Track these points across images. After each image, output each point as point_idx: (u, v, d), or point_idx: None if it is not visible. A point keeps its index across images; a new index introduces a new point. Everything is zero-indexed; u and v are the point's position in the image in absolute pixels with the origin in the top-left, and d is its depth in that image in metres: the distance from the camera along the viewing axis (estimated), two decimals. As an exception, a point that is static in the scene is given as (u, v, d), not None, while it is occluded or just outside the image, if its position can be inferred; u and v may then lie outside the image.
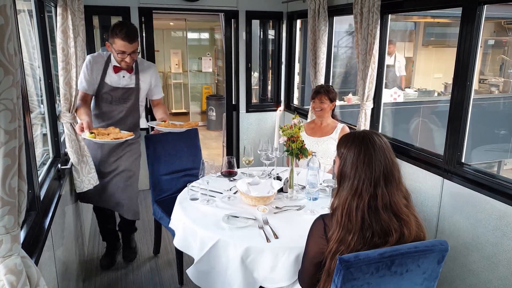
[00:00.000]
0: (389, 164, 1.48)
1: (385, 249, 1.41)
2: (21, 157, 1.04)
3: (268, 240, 1.86)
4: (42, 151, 2.60)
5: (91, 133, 2.45)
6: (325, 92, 3.09)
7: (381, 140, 1.51)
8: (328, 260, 1.48)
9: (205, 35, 8.93)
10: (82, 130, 2.47)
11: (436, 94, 6.47)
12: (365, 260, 1.37)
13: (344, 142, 1.55)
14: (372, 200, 1.45)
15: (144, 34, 4.32)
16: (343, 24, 6.03)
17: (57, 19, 2.49)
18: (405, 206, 1.49)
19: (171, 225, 2.33)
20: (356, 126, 3.28)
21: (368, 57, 3.03)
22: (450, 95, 2.58)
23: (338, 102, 3.25)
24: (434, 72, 7.04)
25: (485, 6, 2.31)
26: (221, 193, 2.42)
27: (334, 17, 3.84)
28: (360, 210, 1.45)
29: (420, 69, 7.12)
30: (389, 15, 3.09)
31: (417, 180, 2.78)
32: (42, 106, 2.62)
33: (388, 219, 1.45)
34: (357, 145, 1.49)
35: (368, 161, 1.45)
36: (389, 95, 5.66)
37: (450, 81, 2.55)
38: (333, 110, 3.20)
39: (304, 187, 2.44)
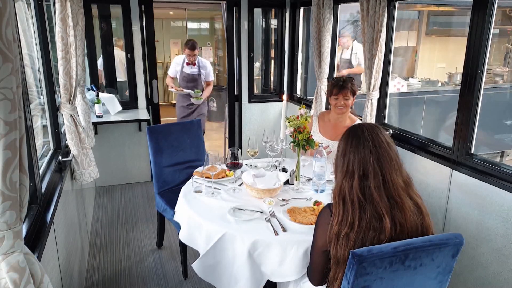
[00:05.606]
0: (381, 143, 1.48)
1: (399, 243, 1.37)
2: (22, 149, 0.99)
3: (276, 233, 1.82)
4: (42, 142, 2.55)
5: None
6: (350, 86, 2.72)
7: (375, 128, 1.52)
8: (333, 242, 1.46)
9: (205, 25, 8.82)
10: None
11: (439, 84, 6.39)
12: (379, 254, 1.33)
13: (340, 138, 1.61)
14: (364, 179, 1.46)
15: (144, 24, 4.24)
16: (345, 13, 5.93)
17: (55, 6, 2.42)
18: (402, 189, 1.46)
19: (175, 218, 2.28)
20: (361, 117, 3.23)
21: (375, 46, 2.97)
22: (453, 85, 2.52)
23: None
24: (438, 62, 6.94)
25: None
26: (226, 185, 2.37)
27: (339, 5, 3.76)
28: (354, 190, 1.46)
29: (424, 59, 7.02)
30: (396, 2, 3.01)
31: (425, 172, 2.73)
32: (41, 97, 2.56)
33: (379, 198, 1.44)
34: (347, 135, 1.55)
35: (356, 142, 1.50)
36: (392, 85, 5.60)
37: (454, 71, 2.48)
38: None
39: (310, 179, 2.40)
